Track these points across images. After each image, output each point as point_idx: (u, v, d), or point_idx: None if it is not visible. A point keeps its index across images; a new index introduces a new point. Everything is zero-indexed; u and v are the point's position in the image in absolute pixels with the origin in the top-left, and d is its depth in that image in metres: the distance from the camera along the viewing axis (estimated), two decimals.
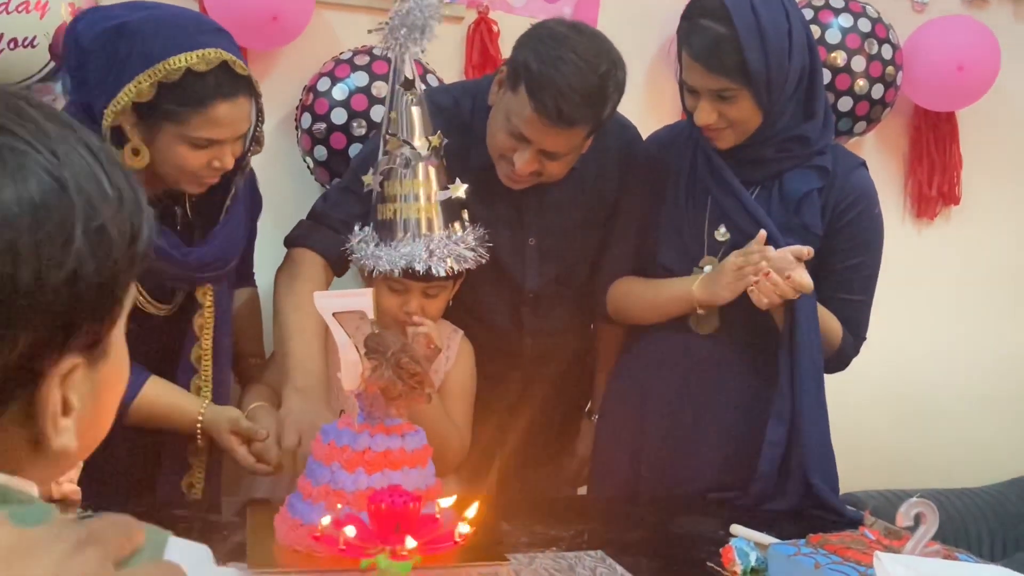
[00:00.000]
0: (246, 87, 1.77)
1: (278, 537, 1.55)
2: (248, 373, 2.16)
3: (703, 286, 1.95)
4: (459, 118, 2.07)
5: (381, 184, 1.93)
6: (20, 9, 2.20)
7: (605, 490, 2.15)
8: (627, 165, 2.15)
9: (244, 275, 2.20)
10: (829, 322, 1.98)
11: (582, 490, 2.36)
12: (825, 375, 1.98)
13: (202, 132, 1.74)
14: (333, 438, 1.56)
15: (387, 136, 1.92)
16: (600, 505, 2.04)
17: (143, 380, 1.85)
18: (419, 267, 1.87)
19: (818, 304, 1.95)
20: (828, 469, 1.95)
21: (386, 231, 1.91)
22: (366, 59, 2.49)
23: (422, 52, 1.92)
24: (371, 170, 1.96)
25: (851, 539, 1.45)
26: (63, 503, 1.72)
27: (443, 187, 1.93)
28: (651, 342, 2.10)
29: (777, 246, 1.89)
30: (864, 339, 2.07)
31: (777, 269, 1.84)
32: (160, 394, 1.86)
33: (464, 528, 1.48)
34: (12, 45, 2.22)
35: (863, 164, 2.06)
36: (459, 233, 1.93)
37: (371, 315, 1.59)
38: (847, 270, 2.00)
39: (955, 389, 3.21)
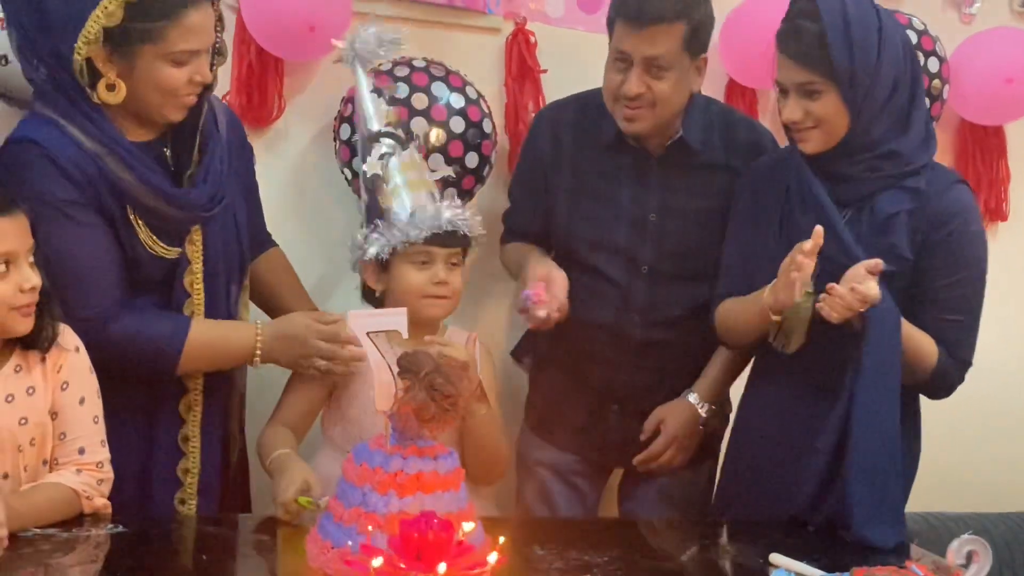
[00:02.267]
0: None
1: (309, 560, 1.54)
2: None
3: (771, 288, 1.91)
4: (560, 122, 2.30)
5: (375, 180, 2.02)
6: None
7: (729, 513, 2.12)
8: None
9: (262, 238, 2.19)
10: (919, 342, 1.91)
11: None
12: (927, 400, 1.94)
13: (180, 44, 1.76)
14: (365, 459, 1.54)
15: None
16: (637, 529, 2.00)
17: (187, 322, 1.88)
18: (445, 226, 1.96)
19: (908, 324, 1.88)
20: (882, 498, 1.85)
21: (394, 212, 1.99)
22: (406, 70, 2.46)
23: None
24: (363, 167, 2.05)
25: (898, 575, 1.40)
26: (94, 517, 1.72)
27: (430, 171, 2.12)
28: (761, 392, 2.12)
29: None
30: (969, 363, 1.99)
31: (847, 282, 1.80)
32: (207, 329, 1.89)
33: (494, 557, 1.45)
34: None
35: (960, 181, 2.01)
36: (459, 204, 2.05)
37: (405, 334, 1.57)
38: (943, 289, 1.95)
39: (1000, 407, 3.13)
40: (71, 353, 1.75)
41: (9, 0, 1.81)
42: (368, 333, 1.54)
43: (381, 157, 2.03)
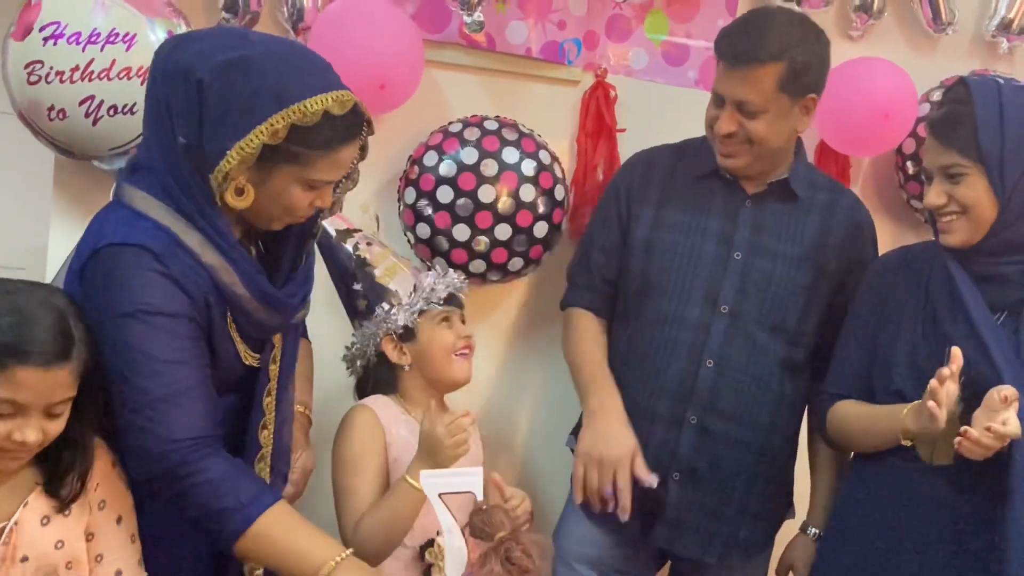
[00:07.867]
0: (365, 127, 1.69)
1: None
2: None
3: (913, 413, 1.77)
4: (654, 159, 2.24)
5: (362, 265, 2.08)
6: (121, 76, 2.09)
7: None
8: (852, 241, 2.13)
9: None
10: None
11: None
12: None
13: (322, 174, 1.64)
14: None
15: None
16: None
17: (267, 503, 1.61)
18: (457, 285, 2.09)
19: None
20: None
21: (397, 288, 2.06)
22: (476, 133, 2.34)
23: None
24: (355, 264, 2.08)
25: None
26: None
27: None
28: (872, 477, 1.94)
29: (1001, 382, 1.70)
30: None
31: (985, 411, 1.67)
32: (286, 528, 1.60)
33: None
34: (112, 112, 2.12)
35: None
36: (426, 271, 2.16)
37: (480, 496, 1.47)
38: None
39: None
40: (108, 468, 1.66)
41: (166, 75, 1.59)
42: (440, 495, 1.45)
43: (356, 247, 2.09)
